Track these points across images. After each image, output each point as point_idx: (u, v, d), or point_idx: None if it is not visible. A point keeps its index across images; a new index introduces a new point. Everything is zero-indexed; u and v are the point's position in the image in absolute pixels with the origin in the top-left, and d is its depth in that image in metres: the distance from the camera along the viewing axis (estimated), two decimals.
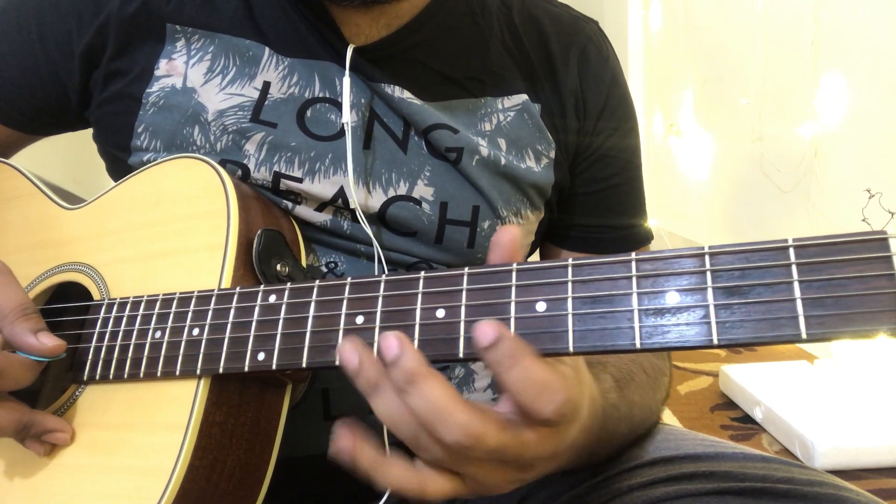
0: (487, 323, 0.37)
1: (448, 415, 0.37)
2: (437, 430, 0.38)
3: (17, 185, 0.69)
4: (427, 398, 0.38)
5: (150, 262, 0.57)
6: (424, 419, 0.38)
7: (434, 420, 0.38)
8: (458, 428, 0.37)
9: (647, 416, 0.62)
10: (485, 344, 0.37)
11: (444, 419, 0.37)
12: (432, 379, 0.38)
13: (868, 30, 1.63)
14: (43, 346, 0.51)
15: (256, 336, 0.48)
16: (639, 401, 0.59)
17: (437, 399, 0.38)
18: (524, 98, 0.67)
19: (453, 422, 0.37)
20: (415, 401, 0.38)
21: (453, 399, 0.38)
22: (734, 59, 2.30)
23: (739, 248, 0.36)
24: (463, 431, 0.37)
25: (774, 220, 2.05)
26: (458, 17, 0.67)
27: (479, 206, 0.64)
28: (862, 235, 0.33)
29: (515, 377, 0.37)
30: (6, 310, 0.52)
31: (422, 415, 0.38)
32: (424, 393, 0.38)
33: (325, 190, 0.62)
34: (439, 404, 0.38)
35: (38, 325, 0.52)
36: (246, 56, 0.63)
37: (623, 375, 0.59)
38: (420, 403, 0.38)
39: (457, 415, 0.37)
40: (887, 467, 1.24)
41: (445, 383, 0.39)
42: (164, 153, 0.62)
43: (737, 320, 0.35)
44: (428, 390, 0.38)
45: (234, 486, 0.51)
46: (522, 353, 0.37)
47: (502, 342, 0.37)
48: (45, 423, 0.53)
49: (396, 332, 0.39)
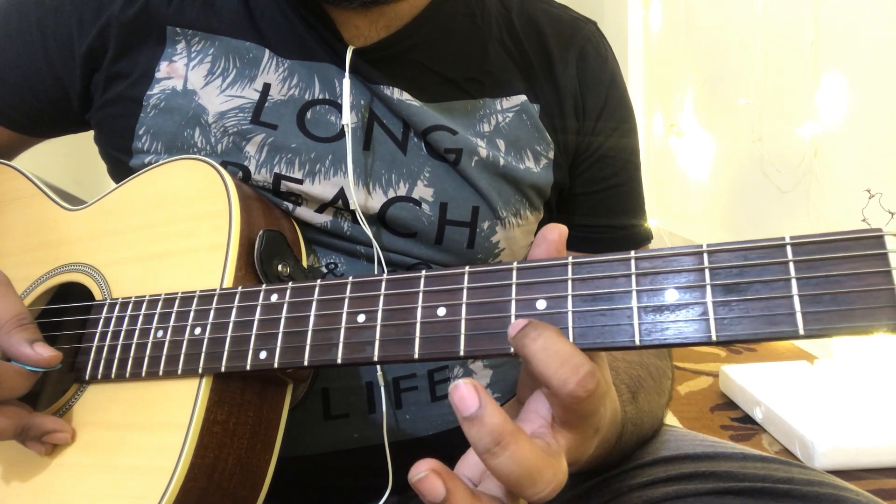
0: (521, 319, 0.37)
1: (539, 474, 0.35)
2: (526, 491, 0.35)
3: (19, 186, 0.69)
4: (517, 461, 0.35)
5: (152, 262, 0.57)
6: (514, 482, 0.35)
7: (524, 480, 0.35)
8: (547, 485, 0.35)
9: (653, 422, 0.62)
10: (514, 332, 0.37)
11: (536, 479, 0.35)
12: (521, 440, 0.35)
13: (868, 30, 1.63)
14: (39, 357, 0.51)
15: (258, 335, 0.48)
16: (647, 408, 0.60)
17: (527, 461, 0.35)
18: (523, 99, 0.67)
19: (543, 480, 0.35)
20: (504, 464, 0.35)
21: (542, 456, 0.35)
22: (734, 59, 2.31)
23: (737, 246, 0.36)
24: (551, 486, 0.35)
25: (774, 220, 2.05)
26: (456, 19, 0.67)
27: (479, 206, 0.65)
28: (859, 233, 0.34)
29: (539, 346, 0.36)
30: (2, 320, 0.52)
31: (511, 477, 0.35)
32: (515, 455, 0.34)
33: (325, 191, 0.62)
34: (532, 466, 0.35)
35: (35, 336, 0.52)
36: (246, 58, 0.63)
37: (635, 384, 0.59)
38: (510, 467, 0.35)
39: (546, 472, 0.35)
40: (887, 467, 1.24)
41: (531, 442, 0.35)
42: (165, 155, 0.63)
43: (735, 317, 0.35)
44: (518, 452, 0.35)
45: (236, 486, 0.51)
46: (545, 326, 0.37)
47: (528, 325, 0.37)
48: (45, 425, 0.53)
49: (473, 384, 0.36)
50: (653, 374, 0.63)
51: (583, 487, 0.60)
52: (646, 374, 0.62)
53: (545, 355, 0.36)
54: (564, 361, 0.36)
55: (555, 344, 0.36)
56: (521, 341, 0.37)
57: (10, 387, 0.51)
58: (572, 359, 0.36)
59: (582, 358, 0.36)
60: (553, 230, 0.43)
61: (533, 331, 0.36)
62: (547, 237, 0.43)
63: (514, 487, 0.35)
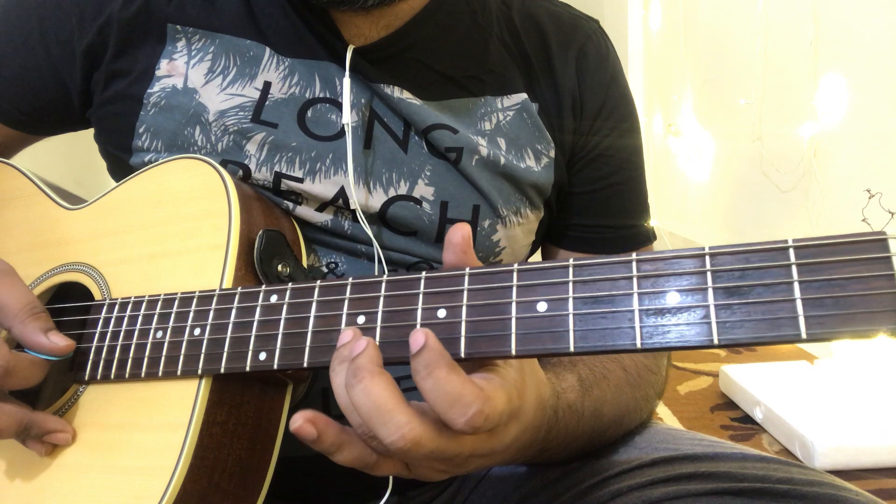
0: (420, 330, 0.38)
1: (388, 415, 0.38)
2: (377, 429, 0.38)
3: (18, 185, 0.69)
4: (370, 396, 0.38)
5: (152, 262, 0.57)
6: (364, 414, 0.39)
7: (374, 419, 0.38)
8: (396, 431, 0.38)
9: (623, 414, 0.62)
10: (413, 351, 0.38)
11: (385, 420, 0.38)
12: (378, 377, 0.39)
13: (868, 30, 1.63)
14: (54, 346, 0.51)
15: (258, 336, 0.48)
16: (611, 398, 0.60)
17: (377, 397, 0.38)
18: (524, 97, 0.67)
19: (393, 423, 0.38)
20: (357, 395, 0.39)
21: (394, 400, 0.39)
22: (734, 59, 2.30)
23: (739, 249, 0.36)
24: (400, 435, 0.38)
25: (774, 220, 2.05)
26: (457, 17, 0.67)
27: (480, 205, 0.65)
28: (861, 236, 0.34)
29: (430, 387, 0.38)
30: (15, 309, 0.52)
31: (362, 410, 0.39)
32: (369, 390, 0.38)
33: (325, 190, 0.62)
34: (379, 403, 0.38)
35: (48, 325, 0.53)
36: (246, 56, 0.63)
37: (593, 375, 0.59)
38: (362, 399, 0.39)
39: (397, 416, 0.38)
40: (887, 467, 1.24)
41: (390, 384, 0.39)
42: (166, 153, 0.63)
43: (737, 320, 0.35)
44: (372, 388, 0.38)
45: (235, 486, 0.51)
46: (437, 364, 0.38)
47: (423, 351, 0.38)
48: (46, 424, 0.53)
49: (367, 338, 0.40)
50: (627, 368, 0.63)
51: (583, 487, 0.60)
52: (615, 367, 0.62)
53: (434, 396, 0.38)
54: (452, 404, 0.38)
55: (443, 385, 0.37)
56: (413, 377, 0.38)
57: (25, 376, 0.51)
58: (460, 399, 0.38)
59: (471, 396, 0.38)
60: (456, 233, 0.43)
61: (422, 368, 0.38)
62: (451, 241, 0.44)
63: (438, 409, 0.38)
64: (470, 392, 0.38)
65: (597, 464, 0.61)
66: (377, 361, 0.40)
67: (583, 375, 0.58)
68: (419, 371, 0.38)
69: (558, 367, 0.59)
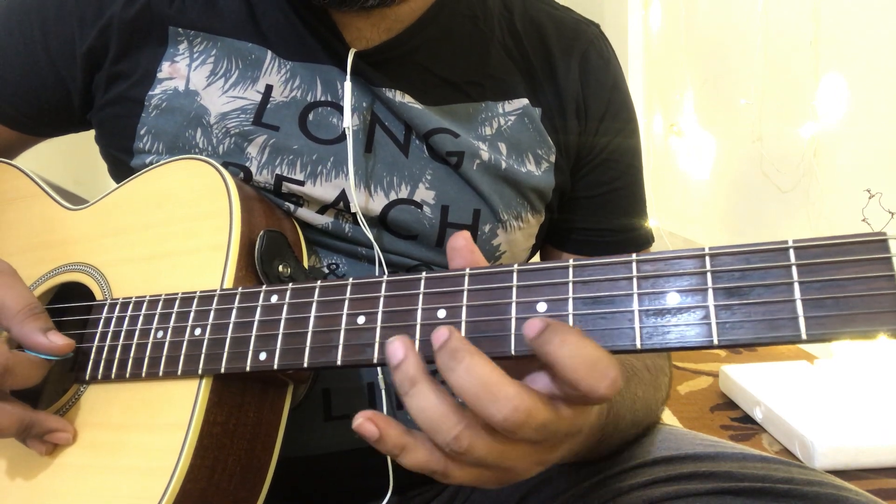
0: (535, 319, 0.37)
1: (498, 389, 0.36)
2: (488, 407, 0.36)
3: (20, 185, 0.69)
4: (476, 374, 0.36)
5: (153, 262, 0.57)
6: (473, 396, 0.36)
7: (484, 396, 0.36)
8: (509, 403, 0.36)
9: (647, 413, 0.62)
10: (533, 335, 0.36)
11: (495, 394, 0.36)
12: (479, 356, 0.37)
13: (867, 30, 1.63)
14: (53, 345, 0.51)
15: (258, 336, 0.48)
16: (641, 395, 0.60)
17: (485, 374, 0.36)
18: (525, 102, 0.67)
19: (504, 396, 0.36)
20: (462, 378, 0.37)
21: (501, 374, 0.37)
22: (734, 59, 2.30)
23: (740, 250, 0.36)
24: (514, 406, 0.36)
25: (774, 220, 2.05)
26: (459, 21, 0.67)
27: (480, 209, 0.65)
28: (862, 237, 0.34)
29: (567, 353, 0.35)
30: (14, 309, 0.52)
31: (470, 391, 0.37)
32: (473, 369, 0.37)
33: (326, 193, 0.62)
34: (488, 379, 0.36)
35: (47, 324, 0.53)
36: (248, 59, 0.63)
37: (626, 369, 0.59)
38: (467, 380, 0.37)
39: (507, 388, 0.36)
40: (887, 467, 1.24)
41: (491, 362, 0.37)
42: (167, 155, 0.63)
43: (737, 321, 0.35)
44: (476, 366, 0.37)
45: (236, 486, 0.51)
46: (566, 331, 0.36)
47: (548, 329, 0.36)
48: (47, 423, 0.53)
49: (449, 326, 0.39)
50: (649, 368, 0.63)
51: (583, 487, 0.60)
52: (641, 366, 0.62)
53: (573, 362, 0.35)
54: (592, 368, 0.35)
55: (582, 349, 0.35)
56: (544, 347, 0.36)
57: (25, 376, 0.51)
58: (600, 362, 0.35)
59: (608, 360, 0.36)
60: (458, 239, 0.43)
61: (556, 336, 0.36)
62: (455, 247, 0.43)
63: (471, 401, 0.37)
64: (605, 356, 0.36)
65: (597, 463, 0.61)
66: (468, 342, 0.38)
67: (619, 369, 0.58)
68: (552, 339, 0.36)
69: None
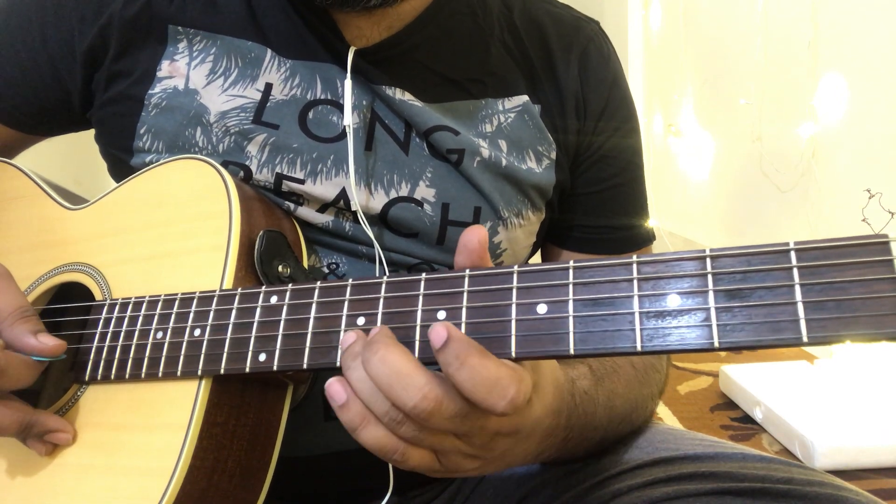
0: (440, 324, 0.39)
1: (407, 377, 0.39)
2: (398, 394, 0.39)
3: (20, 185, 0.69)
4: (386, 362, 0.39)
5: (152, 262, 0.57)
6: (384, 384, 0.39)
7: (393, 384, 0.39)
8: (416, 391, 0.38)
9: (632, 409, 0.62)
10: (437, 346, 0.38)
11: (404, 382, 0.39)
12: (395, 347, 0.40)
13: (867, 30, 1.63)
14: (44, 346, 0.52)
15: (258, 337, 0.48)
16: (622, 392, 0.60)
17: (395, 363, 0.39)
18: (525, 99, 0.67)
19: (412, 384, 0.38)
20: (374, 366, 0.39)
21: (412, 364, 0.39)
22: (734, 59, 2.30)
23: (740, 251, 0.36)
24: (422, 395, 0.38)
25: (774, 220, 2.05)
26: (458, 19, 0.67)
27: (481, 207, 0.65)
28: (863, 239, 0.34)
29: (466, 376, 0.38)
30: (5, 313, 0.52)
31: (381, 380, 0.39)
32: (385, 358, 0.39)
33: (326, 191, 0.62)
34: (397, 367, 0.39)
35: (37, 327, 0.53)
36: (248, 58, 0.63)
37: (604, 368, 0.59)
38: (380, 368, 0.39)
39: (415, 377, 0.39)
40: (887, 467, 1.24)
41: (406, 352, 0.40)
42: (167, 154, 0.63)
43: (738, 323, 0.35)
44: (388, 355, 0.39)
45: (235, 487, 0.51)
46: (469, 352, 0.38)
47: (450, 343, 0.38)
48: (47, 423, 0.53)
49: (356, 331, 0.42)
50: (635, 364, 0.63)
51: (583, 487, 0.60)
52: (625, 363, 0.62)
53: (472, 384, 0.38)
54: (490, 389, 0.38)
55: (480, 371, 0.38)
56: (445, 369, 0.38)
57: (17, 376, 0.51)
58: (498, 383, 0.38)
59: (508, 378, 0.38)
60: (472, 237, 0.43)
61: (455, 360, 0.38)
62: (467, 245, 0.43)
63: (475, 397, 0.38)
64: (505, 374, 0.38)
65: (597, 463, 0.61)
66: (391, 336, 0.41)
67: (594, 367, 0.58)
68: (451, 363, 0.38)
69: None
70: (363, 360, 0.40)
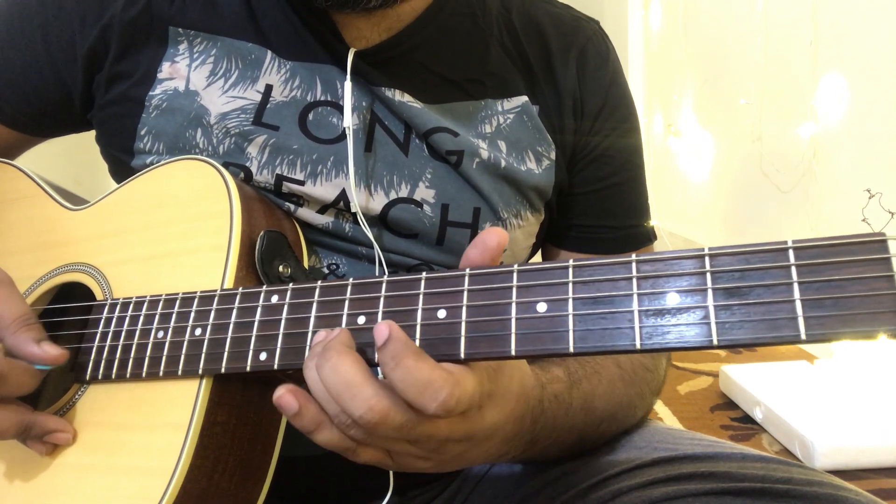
0: (383, 323, 0.40)
1: (355, 389, 0.40)
2: (346, 404, 0.40)
3: (21, 185, 0.69)
4: (337, 372, 0.40)
5: (153, 262, 0.57)
6: (334, 393, 0.40)
7: (342, 393, 0.40)
8: (363, 403, 0.39)
9: (616, 409, 0.62)
10: (378, 344, 0.39)
11: (352, 394, 0.40)
12: (347, 356, 0.41)
13: (867, 30, 1.63)
14: (46, 355, 0.52)
15: (258, 336, 0.48)
16: (603, 393, 0.60)
17: (345, 373, 0.40)
18: (524, 100, 0.67)
19: (360, 397, 0.39)
20: (326, 374, 0.40)
21: (362, 376, 0.40)
22: (734, 59, 2.30)
23: (739, 250, 0.36)
24: (368, 406, 0.39)
25: (774, 220, 2.05)
26: (458, 20, 0.67)
27: (480, 208, 0.65)
28: (861, 237, 0.34)
29: (399, 376, 0.39)
30: (8, 320, 0.53)
31: (331, 388, 0.40)
32: (336, 367, 0.40)
33: (326, 192, 0.62)
34: (348, 379, 0.40)
35: (41, 335, 0.53)
36: (248, 59, 0.63)
37: (584, 369, 0.60)
38: (330, 377, 0.40)
39: (363, 389, 0.40)
40: (887, 467, 1.24)
41: (358, 362, 0.41)
42: (167, 155, 0.63)
43: (736, 321, 0.35)
44: (339, 364, 0.40)
45: (236, 486, 0.51)
46: (404, 354, 0.39)
47: (388, 343, 0.39)
48: (47, 424, 0.53)
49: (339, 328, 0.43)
50: (621, 364, 0.63)
51: (583, 487, 0.60)
52: (608, 363, 0.62)
53: (404, 385, 0.39)
54: (422, 390, 0.39)
55: (413, 373, 0.39)
56: (382, 369, 0.39)
57: (18, 383, 0.52)
58: (430, 385, 0.39)
59: (441, 381, 0.39)
60: (493, 236, 0.44)
61: (391, 360, 0.39)
62: (486, 242, 0.44)
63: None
64: (439, 377, 0.39)
65: (597, 463, 0.61)
66: (347, 343, 0.42)
67: (571, 369, 0.58)
68: (387, 363, 0.39)
69: (547, 360, 0.59)
70: (316, 366, 0.41)
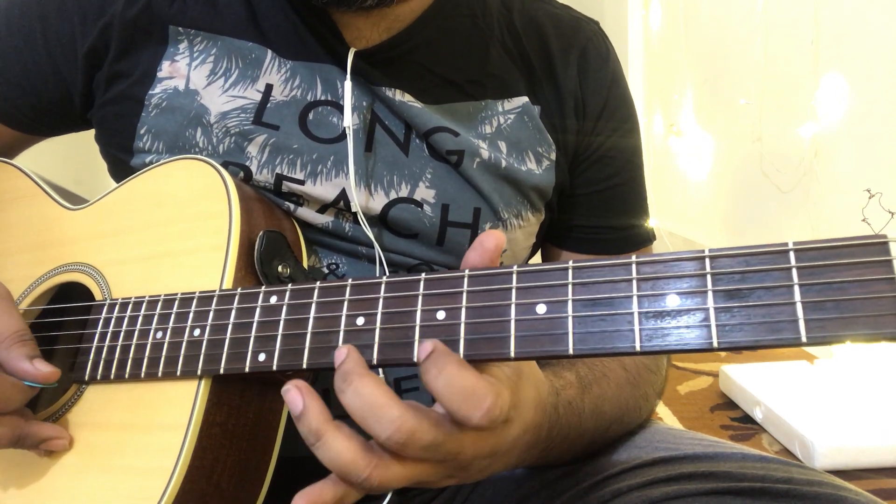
0: (429, 341, 0.39)
1: (381, 410, 0.39)
2: (373, 427, 0.39)
3: (20, 185, 0.69)
4: (360, 395, 0.39)
5: (152, 262, 0.57)
6: (360, 417, 0.39)
7: (368, 416, 0.39)
8: (390, 424, 0.38)
9: (623, 412, 0.62)
10: (421, 358, 0.38)
11: (379, 416, 0.39)
12: (368, 378, 0.40)
13: (868, 30, 1.63)
14: (38, 372, 0.52)
15: (257, 337, 0.48)
16: (612, 396, 0.60)
17: (372, 396, 0.39)
18: (525, 100, 0.67)
19: (387, 417, 0.38)
20: (350, 399, 0.39)
21: (386, 396, 0.39)
22: (734, 59, 2.30)
23: (740, 252, 0.36)
24: (396, 427, 0.38)
25: (774, 220, 2.05)
26: (458, 20, 0.67)
27: (481, 208, 0.65)
28: (862, 239, 0.34)
29: (442, 384, 0.38)
30: (2, 335, 0.52)
31: (357, 412, 0.39)
32: (360, 390, 0.39)
33: (326, 192, 0.62)
34: (374, 401, 0.39)
35: (34, 352, 0.53)
36: (248, 59, 0.63)
37: (592, 373, 0.59)
38: (354, 401, 0.39)
39: (391, 410, 0.39)
40: (887, 467, 1.24)
41: (380, 383, 0.40)
42: (167, 155, 0.63)
43: (737, 323, 0.35)
44: (363, 387, 0.39)
45: (235, 487, 0.51)
46: (448, 361, 0.38)
47: (433, 354, 0.38)
48: (40, 433, 0.53)
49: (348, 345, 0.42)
50: (627, 367, 0.63)
51: (583, 487, 0.60)
52: (615, 366, 0.62)
53: (447, 393, 0.38)
54: (466, 399, 0.37)
55: (457, 381, 0.38)
56: (424, 377, 0.38)
57: (7, 398, 0.51)
58: (474, 394, 0.38)
59: (484, 389, 0.38)
60: (491, 238, 0.43)
61: (433, 367, 0.38)
62: (484, 245, 0.43)
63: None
64: (483, 386, 0.38)
65: (597, 463, 0.61)
66: (362, 364, 0.41)
67: (581, 373, 0.58)
68: (429, 370, 0.38)
69: (557, 365, 0.59)
70: (337, 391, 0.40)
